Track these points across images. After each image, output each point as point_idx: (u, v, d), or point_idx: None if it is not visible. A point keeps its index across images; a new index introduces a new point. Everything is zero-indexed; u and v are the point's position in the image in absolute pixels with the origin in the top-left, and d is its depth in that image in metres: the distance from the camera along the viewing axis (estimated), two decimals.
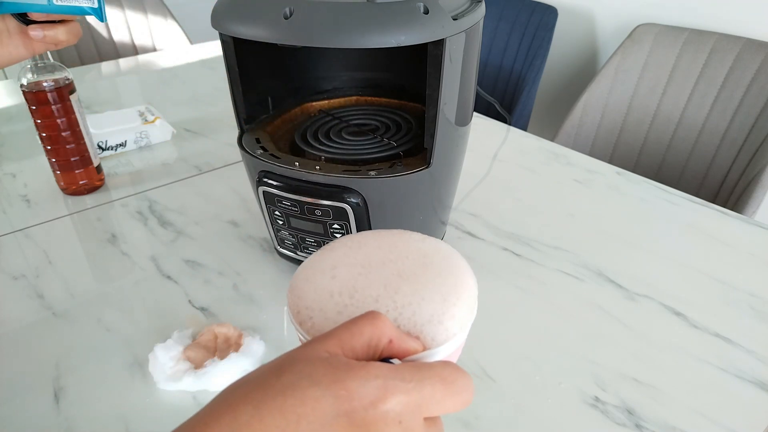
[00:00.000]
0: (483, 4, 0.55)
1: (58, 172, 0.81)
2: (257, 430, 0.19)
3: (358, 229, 0.55)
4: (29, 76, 0.73)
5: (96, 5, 0.51)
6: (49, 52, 0.74)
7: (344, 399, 0.19)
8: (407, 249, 0.31)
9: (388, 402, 0.20)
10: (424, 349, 0.26)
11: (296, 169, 0.54)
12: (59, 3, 0.49)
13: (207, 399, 0.53)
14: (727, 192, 1.11)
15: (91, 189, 0.84)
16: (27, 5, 0.50)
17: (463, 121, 0.57)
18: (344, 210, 0.54)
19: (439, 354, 0.26)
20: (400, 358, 0.25)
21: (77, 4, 0.50)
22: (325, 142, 0.62)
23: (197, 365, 0.51)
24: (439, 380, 0.21)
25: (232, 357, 0.51)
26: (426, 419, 0.22)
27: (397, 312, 0.27)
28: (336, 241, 0.33)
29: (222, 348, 0.54)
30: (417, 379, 0.21)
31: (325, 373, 0.20)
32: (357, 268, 0.30)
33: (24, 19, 0.51)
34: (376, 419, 0.20)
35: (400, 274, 0.29)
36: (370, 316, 0.23)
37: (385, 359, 0.24)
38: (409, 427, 0.20)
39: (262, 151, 0.57)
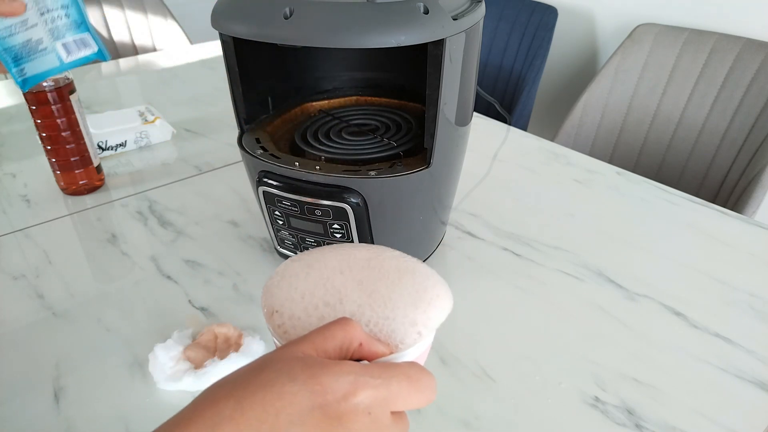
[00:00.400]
0: (483, 4, 0.55)
1: (58, 172, 0.81)
2: (240, 422, 0.20)
3: (358, 229, 0.55)
4: None
5: (97, 49, 0.54)
6: None
7: (319, 393, 0.21)
8: (382, 257, 0.32)
9: (359, 396, 0.22)
10: (391, 352, 0.27)
11: (296, 169, 0.54)
12: (68, 61, 0.53)
13: None
14: (727, 192, 1.11)
15: (91, 189, 0.84)
16: (45, 74, 0.54)
17: (463, 121, 0.57)
18: (344, 210, 0.54)
19: (405, 356, 0.28)
20: (369, 360, 0.26)
21: (82, 55, 0.53)
22: (325, 142, 0.62)
23: (197, 365, 0.51)
24: (405, 378, 0.23)
25: (232, 357, 0.51)
26: (393, 413, 0.23)
27: (366, 318, 0.28)
28: (314, 249, 0.33)
29: (222, 348, 0.54)
30: (385, 377, 0.23)
31: (302, 371, 0.22)
32: (330, 271, 0.30)
33: None
34: (347, 411, 0.21)
35: (374, 279, 0.29)
36: (342, 321, 0.25)
37: (356, 361, 0.25)
38: (377, 419, 0.22)
39: (262, 151, 0.57)
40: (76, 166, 0.80)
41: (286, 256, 0.63)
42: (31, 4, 0.48)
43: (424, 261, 0.65)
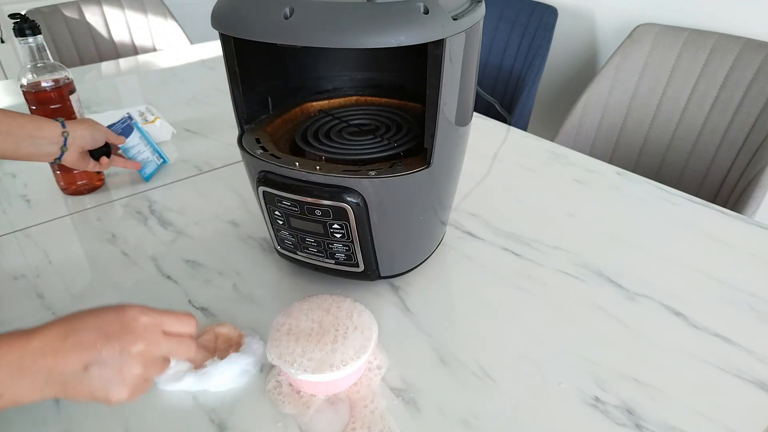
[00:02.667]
0: (483, 4, 0.55)
1: (58, 172, 0.81)
2: (125, 329, 0.41)
3: (359, 230, 0.55)
4: (29, 76, 0.73)
5: (162, 160, 0.89)
6: (48, 52, 0.74)
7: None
8: (337, 319, 0.51)
9: (142, 318, 0.43)
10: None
11: (296, 169, 0.54)
12: (157, 164, 0.88)
13: (207, 399, 0.52)
14: (727, 192, 1.11)
15: (91, 189, 0.84)
16: (153, 172, 0.87)
17: (463, 121, 0.57)
18: (344, 210, 0.54)
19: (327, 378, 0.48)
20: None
21: (159, 162, 0.88)
22: (325, 142, 0.62)
23: (197, 365, 0.51)
24: (173, 317, 0.45)
25: (233, 357, 0.51)
26: (164, 331, 0.44)
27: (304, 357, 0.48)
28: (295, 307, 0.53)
29: (222, 348, 0.54)
30: (160, 314, 0.44)
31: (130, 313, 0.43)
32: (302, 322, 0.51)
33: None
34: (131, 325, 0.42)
35: (319, 333, 0.50)
36: (185, 315, 0.46)
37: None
38: (154, 339, 0.42)
39: (262, 151, 0.57)
40: None
41: (286, 257, 0.63)
42: (140, 142, 0.84)
43: (424, 261, 0.65)
